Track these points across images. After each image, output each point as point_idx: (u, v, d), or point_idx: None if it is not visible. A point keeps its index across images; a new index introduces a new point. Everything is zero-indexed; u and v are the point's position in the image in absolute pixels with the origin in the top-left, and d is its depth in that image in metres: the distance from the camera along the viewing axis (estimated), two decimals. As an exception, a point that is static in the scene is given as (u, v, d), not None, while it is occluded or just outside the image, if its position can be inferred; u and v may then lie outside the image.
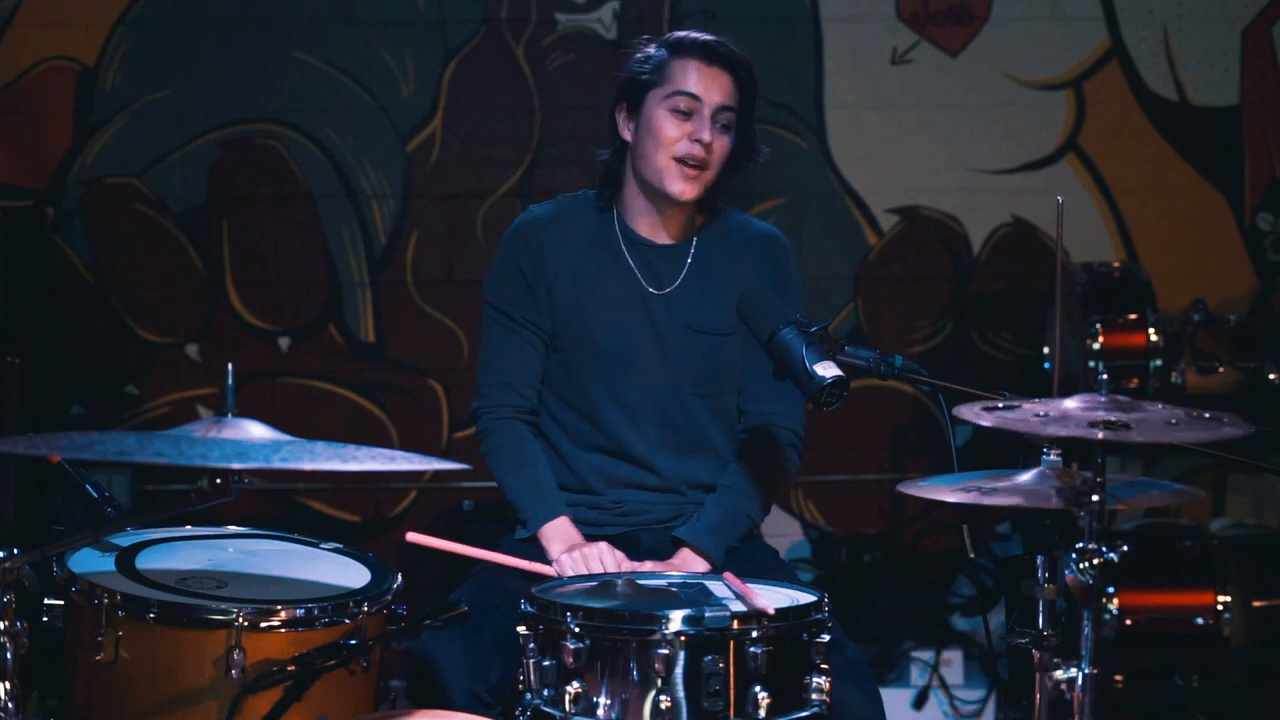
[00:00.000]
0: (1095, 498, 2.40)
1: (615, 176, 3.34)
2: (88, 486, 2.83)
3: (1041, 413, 2.42)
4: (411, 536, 3.10)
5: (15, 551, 2.34)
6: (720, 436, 3.34)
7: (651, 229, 3.33)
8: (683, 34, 3.28)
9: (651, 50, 3.28)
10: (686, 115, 3.20)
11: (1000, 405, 2.48)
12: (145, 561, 2.77)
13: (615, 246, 3.32)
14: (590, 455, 3.32)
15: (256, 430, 2.39)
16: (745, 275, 3.27)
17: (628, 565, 3.11)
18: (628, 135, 3.29)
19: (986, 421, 2.44)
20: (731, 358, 3.33)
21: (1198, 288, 5.29)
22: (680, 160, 3.20)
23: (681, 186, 3.21)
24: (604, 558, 3.09)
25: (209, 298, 5.36)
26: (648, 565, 3.13)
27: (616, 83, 3.32)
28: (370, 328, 5.40)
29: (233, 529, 3.06)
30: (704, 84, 3.20)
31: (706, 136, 3.18)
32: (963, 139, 5.45)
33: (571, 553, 3.12)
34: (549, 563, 3.13)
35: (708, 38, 3.25)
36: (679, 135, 3.19)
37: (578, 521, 3.28)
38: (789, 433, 3.35)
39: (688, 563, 3.18)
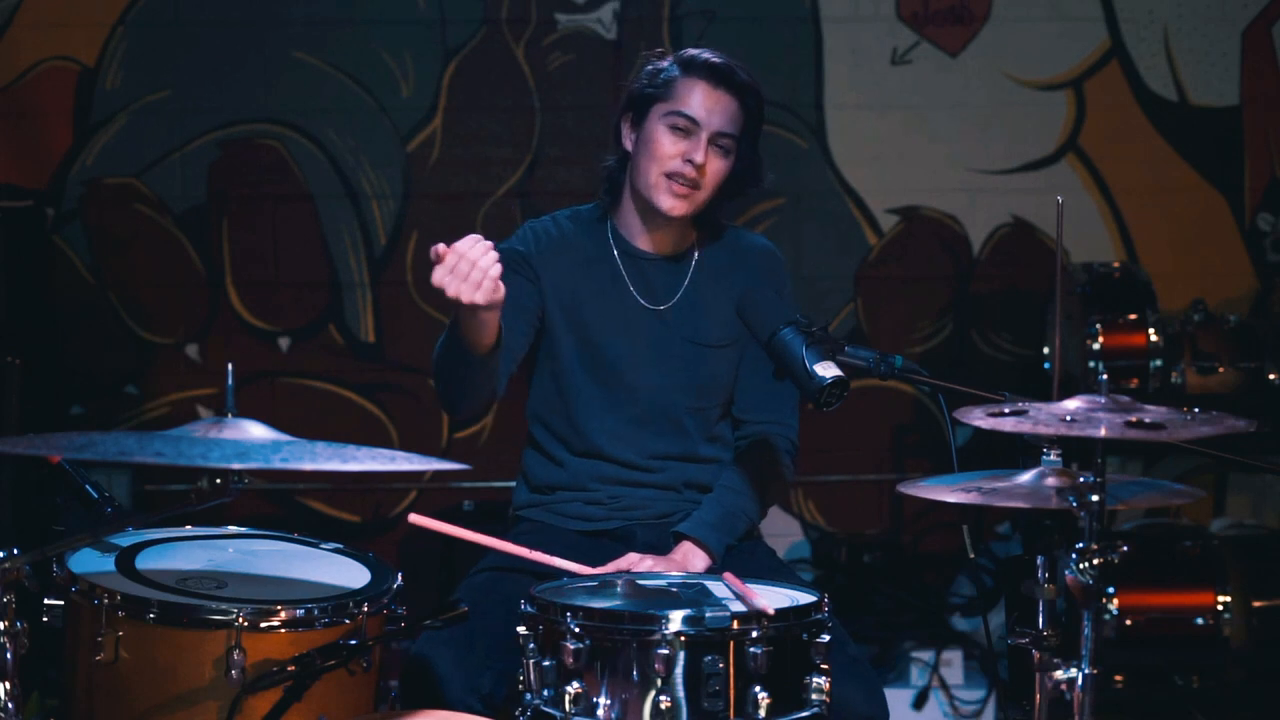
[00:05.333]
0: (1095, 498, 2.40)
1: (616, 185, 3.34)
2: (88, 486, 2.83)
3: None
4: (413, 518, 3.09)
5: (15, 551, 2.34)
6: (711, 449, 3.35)
7: (648, 242, 3.33)
8: (696, 52, 3.26)
9: (663, 64, 3.26)
10: (684, 134, 3.19)
11: (1006, 411, 2.48)
12: (145, 562, 2.77)
13: (610, 260, 3.32)
14: (584, 460, 3.32)
15: (256, 430, 2.39)
16: (740, 287, 3.23)
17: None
18: (629, 145, 3.29)
19: (1034, 427, 2.42)
20: (725, 370, 3.34)
21: (1198, 288, 5.29)
22: (670, 176, 3.19)
23: (671, 203, 3.21)
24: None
25: (209, 298, 5.36)
26: (648, 561, 3.12)
27: (625, 91, 3.31)
28: (370, 328, 5.40)
29: (233, 529, 3.06)
30: (706, 107, 3.18)
31: (699, 158, 3.17)
32: (963, 139, 5.44)
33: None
34: (549, 552, 3.10)
35: (719, 60, 3.23)
36: (674, 153, 3.18)
37: (573, 517, 3.30)
38: (784, 440, 3.37)
39: (688, 557, 3.17)
